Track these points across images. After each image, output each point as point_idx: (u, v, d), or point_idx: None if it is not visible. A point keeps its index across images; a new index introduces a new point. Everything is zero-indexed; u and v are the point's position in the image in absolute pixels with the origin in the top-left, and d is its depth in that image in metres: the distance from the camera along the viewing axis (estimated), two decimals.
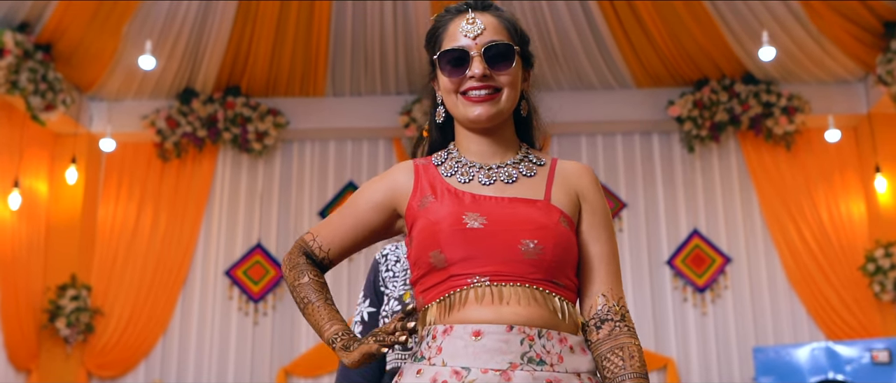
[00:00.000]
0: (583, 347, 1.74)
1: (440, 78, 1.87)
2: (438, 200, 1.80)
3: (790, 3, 6.62)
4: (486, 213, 1.75)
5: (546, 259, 1.72)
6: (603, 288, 1.79)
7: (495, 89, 1.82)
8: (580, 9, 6.87)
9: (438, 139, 1.97)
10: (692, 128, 7.43)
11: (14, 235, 6.79)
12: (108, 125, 7.49)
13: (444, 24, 1.89)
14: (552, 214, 1.77)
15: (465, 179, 1.83)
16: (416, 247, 1.77)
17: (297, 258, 1.93)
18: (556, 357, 1.68)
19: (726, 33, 6.98)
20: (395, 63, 7.48)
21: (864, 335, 6.87)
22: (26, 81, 6.48)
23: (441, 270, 1.73)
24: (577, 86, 7.60)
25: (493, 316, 1.68)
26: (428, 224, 1.77)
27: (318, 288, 1.87)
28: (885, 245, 6.95)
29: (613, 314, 1.76)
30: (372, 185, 1.92)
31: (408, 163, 1.92)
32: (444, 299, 1.72)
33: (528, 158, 1.88)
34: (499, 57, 1.82)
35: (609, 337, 1.74)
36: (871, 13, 6.61)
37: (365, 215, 1.90)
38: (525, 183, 1.84)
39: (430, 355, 1.70)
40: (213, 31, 7.00)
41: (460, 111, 1.84)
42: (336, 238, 1.92)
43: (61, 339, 7.14)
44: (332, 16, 6.98)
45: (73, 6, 6.49)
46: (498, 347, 1.65)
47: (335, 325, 1.80)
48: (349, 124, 7.74)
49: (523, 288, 1.70)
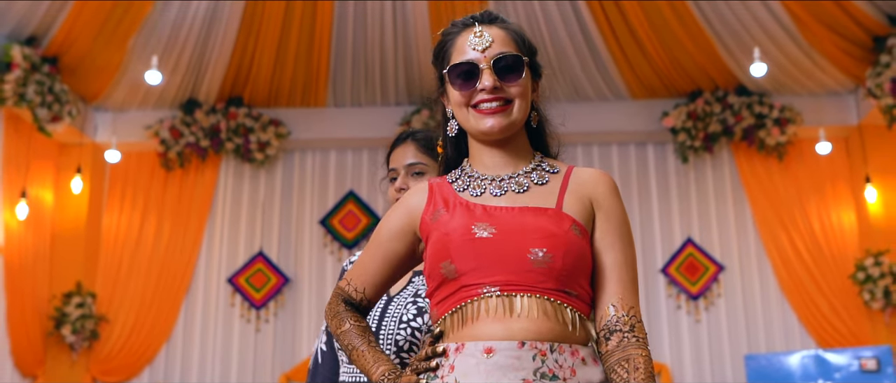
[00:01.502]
0: (595, 358, 1.73)
1: (450, 92, 1.86)
2: (450, 213, 1.80)
3: (781, 17, 6.75)
4: (496, 223, 1.75)
5: (556, 267, 1.70)
6: (614, 298, 1.75)
7: (506, 101, 1.81)
8: (576, 22, 7.00)
9: (453, 154, 1.96)
10: (686, 138, 7.57)
11: (21, 244, 6.91)
12: (113, 136, 7.61)
13: (452, 38, 1.89)
14: (563, 222, 1.75)
15: (477, 192, 1.83)
16: (429, 260, 1.79)
17: (337, 306, 1.96)
18: (569, 370, 1.67)
19: (719, 47, 7.12)
20: (394, 74, 7.60)
21: (854, 342, 6.99)
22: (33, 94, 6.60)
23: (452, 281, 1.73)
24: (574, 97, 7.73)
25: (504, 333, 1.67)
26: (439, 236, 1.78)
27: (361, 333, 1.90)
28: (875, 254, 7.08)
29: (622, 324, 1.72)
30: (390, 215, 1.93)
31: (422, 184, 1.93)
32: (457, 311, 1.72)
33: (541, 167, 1.87)
34: (508, 68, 1.82)
35: (617, 348, 1.71)
36: (861, 28, 6.75)
37: (389, 246, 1.91)
38: (537, 191, 1.82)
39: (442, 373, 1.70)
40: (216, 43, 7.12)
41: (472, 124, 1.84)
42: (369, 277, 1.94)
43: (67, 346, 7.25)
44: (334, 28, 7.10)
45: (81, 20, 6.62)
46: (510, 364, 1.65)
47: (382, 366, 1.81)
48: (349, 134, 7.86)
49: (534, 298, 1.69)
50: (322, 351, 2.50)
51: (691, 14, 6.80)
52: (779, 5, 6.64)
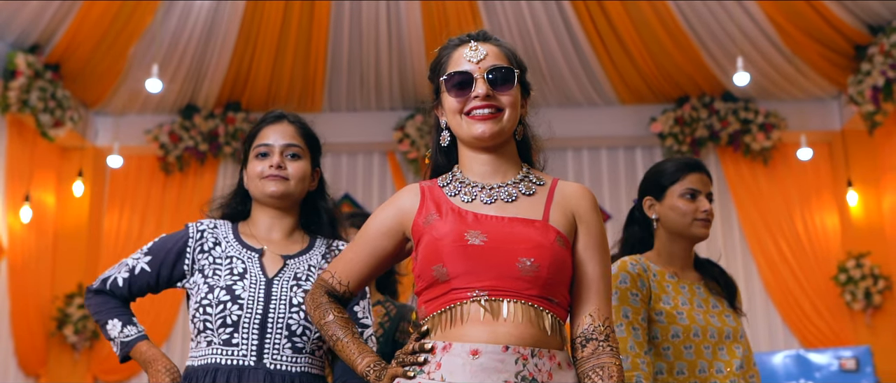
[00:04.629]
0: (569, 363, 1.84)
1: (446, 100, 1.96)
2: (442, 218, 1.89)
3: (764, 27, 6.92)
4: (487, 231, 1.83)
5: (542, 276, 1.80)
6: (591, 308, 1.86)
7: (498, 109, 1.91)
8: (566, 32, 7.17)
9: (443, 163, 2.05)
10: (673, 143, 7.74)
11: (24, 246, 7.06)
12: (114, 140, 7.74)
13: (449, 52, 1.99)
14: (549, 234, 1.85)
15: (468, 198, 1.92)
16: (420, 261, 1.87)
17: (320, 298, 2.05)
18: (547, 374, 1.77)
19: (704, 55, 7.30)
20: (389, 80, 7.77)
21: (836, 342, 7.15)
22: (36, 100, 6.76)
23: (443, 283, 1.82)
24: (564, 103, 7.91)
25: (490, 337, 1.76)
26: (432, 240, 1.85)
27: (344, 325, 2.00)
28: (857, 256, 7.26)
29: (598, 334, 1.84)
30: (381, 213, 2.02)
31: (414, 185, 2.01)
32: (446, 312, 1.81)
33: (529, 178, 1.96)
34: (500, 79, 1.92)
35: (592, 355, 1.82)
36: (842, 37, 6.92)
37: (377, 242, 2.00)
38: (525, 202, 1.91)
39: (429, 369, 1.79)
40: (215, 50, 7.28)
41: (465, 130, 1.93)
42: (353, 271, 2.03)
43: (69, 346, 7.40)
44: (330, 35, 7.26)
45: (84, 29, 6.78)
46: (494, 366, 1.74)
47: (367, 358, 1.93)
48: (345, 139, 8.00)
49: (520, 304, 1.78)
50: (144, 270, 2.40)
51: (678, 23, 6.97)
52: (762, 15, 6.82)
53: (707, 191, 2.64)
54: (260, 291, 2.25)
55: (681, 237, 2.64)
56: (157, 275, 2.37)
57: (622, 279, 2.49)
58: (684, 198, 2.61)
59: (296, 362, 2.23)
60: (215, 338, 2.23)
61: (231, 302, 2.23)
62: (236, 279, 2.27)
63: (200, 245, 2.36)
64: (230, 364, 2.21)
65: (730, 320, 2.59)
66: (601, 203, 7.89)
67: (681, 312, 2.51)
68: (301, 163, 2.38)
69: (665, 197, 2.64)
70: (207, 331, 2.25)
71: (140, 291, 2.41)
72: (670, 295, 2.54)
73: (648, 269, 2.56)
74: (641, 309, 2.48)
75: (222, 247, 2.35)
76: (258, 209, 2.42)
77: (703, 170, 2.65)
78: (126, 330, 2.38)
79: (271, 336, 2.22)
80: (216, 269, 2.31)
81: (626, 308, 2.45)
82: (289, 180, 2.35)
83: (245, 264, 2.31)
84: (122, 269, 2.40)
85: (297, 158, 2.37)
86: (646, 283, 2.51)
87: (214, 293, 2.26)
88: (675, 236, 2.64)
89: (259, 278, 2.27)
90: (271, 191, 2.34)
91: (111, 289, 2.40)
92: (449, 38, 2.04)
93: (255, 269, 2.30)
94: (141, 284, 2.39)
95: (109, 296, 2.41)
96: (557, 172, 2.06)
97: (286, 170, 2.35)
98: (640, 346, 2.42)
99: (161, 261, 2.37)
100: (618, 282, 2.49)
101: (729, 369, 2.49)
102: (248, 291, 2.24)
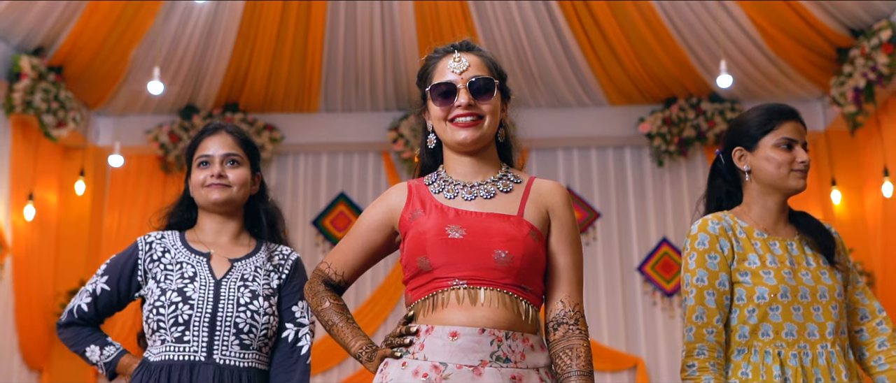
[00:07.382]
0: (542, 345, 1.99)
1: (431, 108, 2.11)
2: (427, 214, 2.05)
3: (748, 30, 7.07)
4: (466, 226, 2.00)
5: (516, 267, 1.96)
6: (563, 294, 2.03)
7: (479, 116, 2.07)
8: (555, 35, 7.31)
9: (430, 163, 2.21)
10: (661, 143, 7.90)
11: (27, 243, 7.19)
12: (115, 140, 7.88)
13: (434, 62, 2.14)
14: (523, 228, 2.01)
15: (450, 195, 2.08)
16: (406, 253, 2.04)
17: (317, 286, 2.23)
18: (520, 355, 1.92)
19: (691, 57, 7.44)
20: (383, 82, 7.90)
21: None
22: (40, 101, 6.91)
23: (426, 273, 1.99)
24: (554, 104, 8.03)
25: (468, 320, 1.92)
26: (416, 234, 2.02)
27: (339, 311, 2.17)
28: None
29: (568, 318, 2.00)
30: (372, 209, 2.18)
31: (402, 184, 2.17)
32: (429, 298, 1.97)
33: (507, 176, 2.11)
34: (481, 89, 2.07)
35: (563, 338, 1.98)
36: (824, 40, 7.06)
37: (368, 236, 2.17)
38: (502, 199, 2.07)
39: (414, 350, 1.96)
40: (215, 52, 7.42)
41: (449, 136, 2.09)
42: (347, 262, 2.21)
43: None
44: (326, 38, 7.40)
45: (86, 32, 6.93)
46: (471, 347, 1.90)
47: (359, 341, 2.10)
48: (341, 139, 8.15)
49: (495, 291, 1.94)
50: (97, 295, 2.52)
51: (664, 27, 7.12)
52: (746, 19, 6.96)
53: (802, 141, 2.45)
54: (209, 292, 2.40)
55: (775, 190, 2.46)
56: (117, 290, 2.51)
57: (700, 240, 2.40)
58: (780, 147, 2.43)
59: (244, 358, 2.38)
60: (168, 336, 2.37)
61: (182, 302, 2.38)
62: (187, 282, 2.42)
63: (150, 255, 2.49)
64: (183, 359, 2.35)
65: (825, 278, 2.40)
66: (590, 202, 8.01)
67: (768, 271, 2.37)
68: (241, 170, 2.53)
69: (758, 147, 2.46)
70: (161, 331, 2.38)
71: (106, 310, 2.54)
72: (757, 254, 2.39)
73: (733, 227, 2.43)
74: (720, 272, 2.37)
75: (171, 254, 2.49)
76: (204, 216, 2.57)
77: (798, 119, 2.48)
78: (105, 352, 2.52)
79: (220, 333, 2.37)
80: (168, 275, 2.44)
81: (701, 271, 2.37)
82: (231, 187, 2.51)
83: (194, 268, 2.46)
84: (83, 296, 2.54)
85: (236, 165, 2.52)
86: (728, 243, 2.39)
87: (167, 295, 2.39)
88: (769, 189, 2.47)
89: (208, 280, 2.42)
90: (214, 199, 2.49)
91: (79, 317, 2.53)
92: (435, 48, 2.19)
93: (205, 272, 2.45)
94: (104, 303, 2.52)
95: (79, 327, 2.54)
96: (547, 172, 2.24)
97: (227, 178, 2.50)
98: (711, 315, 2.34)
99: (118, 277, 2.50)
100: (696, 244, 2.39)
101: (822, 332, 2.34)
102: (198, 292, 2.39)
